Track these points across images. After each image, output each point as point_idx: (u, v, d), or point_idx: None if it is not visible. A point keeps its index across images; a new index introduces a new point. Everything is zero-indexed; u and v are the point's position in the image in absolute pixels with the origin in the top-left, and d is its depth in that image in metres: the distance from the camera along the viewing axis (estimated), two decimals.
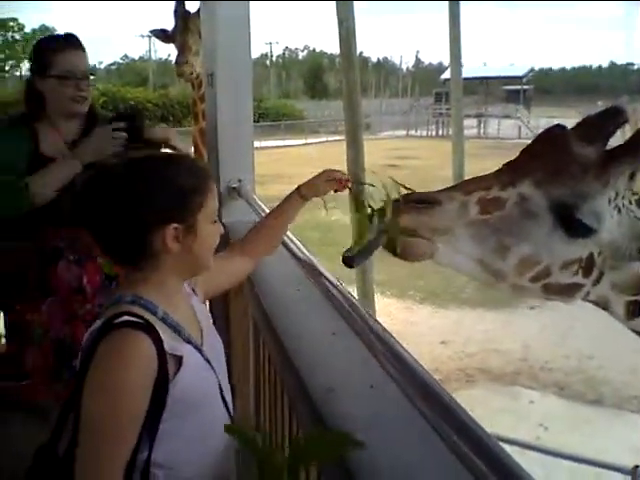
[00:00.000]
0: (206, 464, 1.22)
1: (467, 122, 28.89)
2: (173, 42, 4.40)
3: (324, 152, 24.74)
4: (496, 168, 1.23)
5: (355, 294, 9.51)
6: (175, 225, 1.17)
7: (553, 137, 1.20)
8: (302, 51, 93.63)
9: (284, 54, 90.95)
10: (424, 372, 0.90)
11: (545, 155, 1.18)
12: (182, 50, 4.29)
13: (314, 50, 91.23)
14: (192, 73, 4.35)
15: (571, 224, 1.14)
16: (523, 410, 7.16)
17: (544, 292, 1.19)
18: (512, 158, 1.23)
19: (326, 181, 1.59)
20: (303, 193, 1.58)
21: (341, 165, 10.29)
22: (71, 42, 2.10)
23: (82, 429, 1.09)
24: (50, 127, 2.10)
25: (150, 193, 1.16)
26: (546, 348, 8.68)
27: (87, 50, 2.10)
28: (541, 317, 9.40)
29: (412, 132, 39.25)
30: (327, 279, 1.44)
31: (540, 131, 1.27)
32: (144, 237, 1.16)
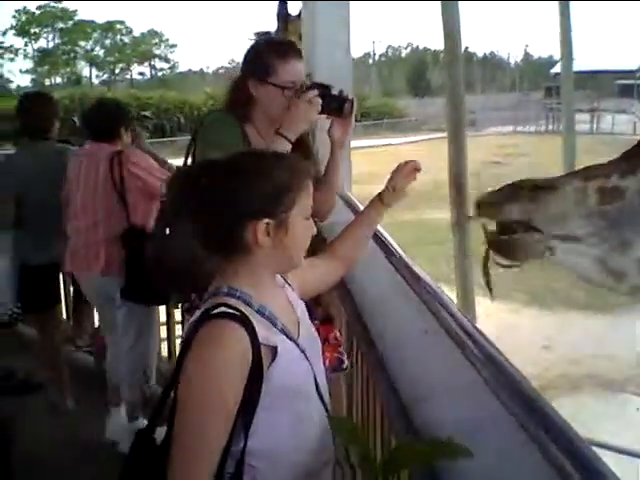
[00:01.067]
0: (301, 457, 1.23)
1: (579, 117, 27.57)
2: None
3: (426, 150, 24.47)
4: None
5: (454, 295, 9.36)
6: (267, 220, 1.19)
7: None
8: (405, 49, 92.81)
9: (387, 52, 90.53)
10: (519, 376, 0.87)
11: None
12: None
13: (417, 47, 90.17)
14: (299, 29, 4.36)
15: None
16: (630, 418, 6.77)
17: None
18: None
19: (403, 179, 1.58)
20: (385, 200, 1.58)
21: (443, 162, 10.15)
22: (295, 50, 2.05)
23: (177, 417, 1.14)
24: (255, 133, 2.06)
25: (244, 187, 1.20)
26: None
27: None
28: None
29: (520, 128, 37.89)
30: (421, 279, 1.42)
31: None
32: (236, 230, 1.20)
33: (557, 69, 23.64)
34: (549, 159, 19.05)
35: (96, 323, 4.04)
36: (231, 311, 1.15)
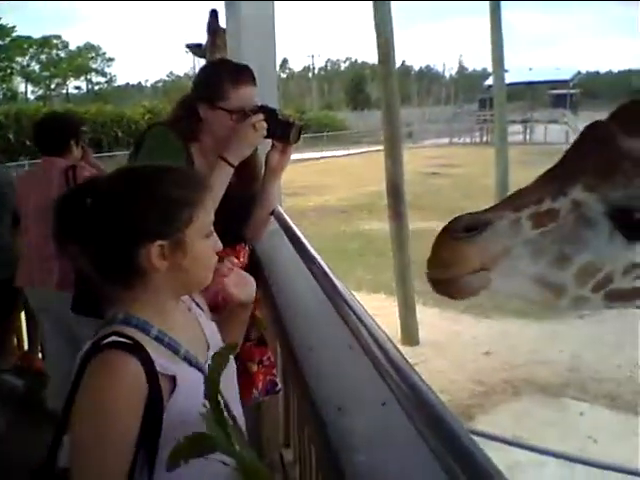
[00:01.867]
0: None
1: (513, 128, 28.44)
2: (204, 57, 4.47)
3: (365, 162, 24.77)
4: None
5: (396, 303, 9.47)
6: (160, 242, 1.10)
7: (598, 134, 1.13)
8: (344, 62, 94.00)
9: (326, 66, 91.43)
10: (430, 393, 0.87)
11: (592, 154, 1.09)
12: None
13: (356, 61, 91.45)
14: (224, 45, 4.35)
15: (631, 227, 1.06)
16: (572, 422, 6.95)
17: (606, 300, 1.11)
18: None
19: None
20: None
21: (382, 174, 10.27)
22: (249, 76, 1.97)
23: (71, 452, 1.06)
24: (200, 152, 1.99)
25: (131, 207, 1.11)
26: (596, 358, 8.42)
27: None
28: (590, 327, 9.13)
29: (455, 140, 38.84)
30: (340, 293, 1.41)
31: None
32: (127, 254, 1.10)
33: (490, 81, 24.33)
34: (484, 169, 19.62)
35: (25, 345, 3.90)
36: (123, 340, 1.07)
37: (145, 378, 1.05)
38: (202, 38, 4.59)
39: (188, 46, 4.78)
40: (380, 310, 9.52)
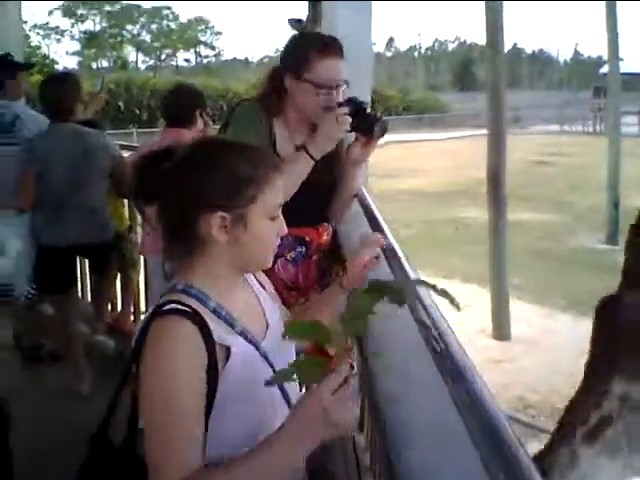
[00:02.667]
0: None
1: (627, 119, 26.88)
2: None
3: (468, 146, 24.11)
4: None
5: (489, 297, 9.16)
6: (222, 214, 1.11)
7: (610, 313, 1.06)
8: (452, 42, 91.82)
9: (433, 46, 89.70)
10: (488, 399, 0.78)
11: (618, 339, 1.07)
12: None
13: (465, 42, 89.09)
14: None
15: None
16: None
17: None
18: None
19: (362, 268, 1.40)
20: (344, 285, 1.42)
21: (483, 159, 9.93)
22: (335, 47, 1.92)
23: (146, 419, 1.07)
24: (284, 126, 1.99)
25: (201, 176, 1.13)
26: None
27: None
28: None
29: (566, 127, 37.10)
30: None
31: None
32: (190, 220, 1.12)
33: (606, 69, 23.05)
34: (595, 160, 18.57)
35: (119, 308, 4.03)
36: (182, 307, 1.09)
37: (204, 345, 1.06)
38: (304, 14, 4.54)
39: (289, 21, 4.74)
40: (472, 301, 9.27)
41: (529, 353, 8.27)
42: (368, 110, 1.89)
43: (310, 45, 1.90)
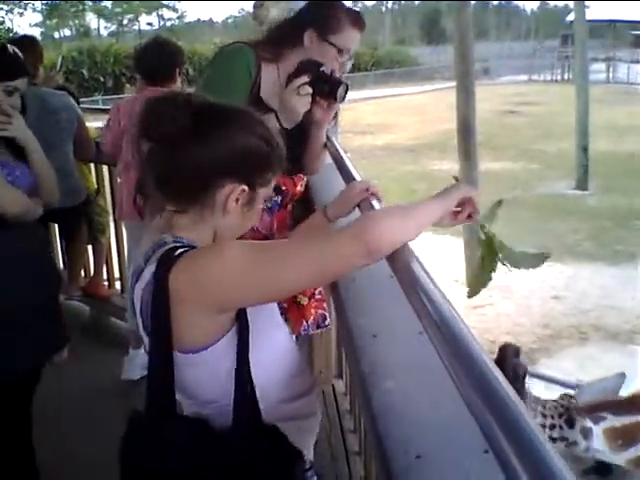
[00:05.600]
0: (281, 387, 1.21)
1: (595, 67, 26.93)
2: None
3: (439, 99, 24.00)
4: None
5: (462, 247, 9.28)
6: (245, 187, 1.10)
7: None
8: None
9: None
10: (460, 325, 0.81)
11: None
12: None
13: None
14: (267, 16, 4.29)
15: None
16: (639, 369, 6.76)
17: None
18: None
19: (353, 195, 1.45)
20: (329, 214, 1.45)
21: (454, 112, 9.92)
22: (364, 22, 1.97)
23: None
24: (274, 72, 1.94)
25: (244, 145, 1.11)
26: None
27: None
28: None
29: (535, 77, 37.06)
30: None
31: None
32: (217, 184, 1.09)
33: (572, 17, 22.94)
34: (564, 108, 18.64)
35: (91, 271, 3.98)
36: (195, 244, 1.10)
37: None
38: None
39: None
40: (448, 251, 9.40)
41: (505, 298, 8.47)
42: (326, 71, 1.86)
43: (345, 12, 1.92)
